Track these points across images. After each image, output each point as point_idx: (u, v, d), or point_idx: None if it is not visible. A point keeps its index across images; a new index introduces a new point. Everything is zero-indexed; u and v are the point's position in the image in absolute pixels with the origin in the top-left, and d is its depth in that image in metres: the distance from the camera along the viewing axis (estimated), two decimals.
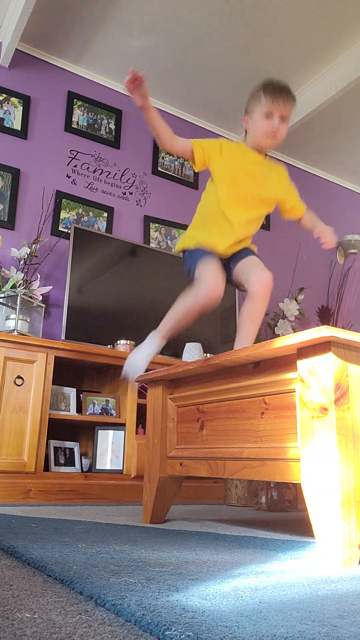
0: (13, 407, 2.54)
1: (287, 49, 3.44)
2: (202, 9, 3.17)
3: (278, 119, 1.94)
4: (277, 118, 1.94)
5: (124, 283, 3.36)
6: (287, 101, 1.94)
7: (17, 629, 0.63)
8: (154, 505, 1.76)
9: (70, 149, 3.60)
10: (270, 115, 1.94)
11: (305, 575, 0.99)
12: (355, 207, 5.07)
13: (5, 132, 3.36)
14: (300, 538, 1.52)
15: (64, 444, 2.84)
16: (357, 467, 1.16)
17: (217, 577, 0.93)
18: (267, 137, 1.97)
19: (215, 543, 1.37)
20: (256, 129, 1.99)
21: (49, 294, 3.25)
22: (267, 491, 2.52)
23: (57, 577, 0.90)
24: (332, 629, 0.65)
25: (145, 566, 1.00)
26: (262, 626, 0.64)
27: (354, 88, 3.59)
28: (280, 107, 1.93)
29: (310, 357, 1.24)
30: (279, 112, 1.94)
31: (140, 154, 3.89)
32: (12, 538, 1.27)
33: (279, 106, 1.93)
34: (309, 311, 4.35)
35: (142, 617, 0.66)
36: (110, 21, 3.30)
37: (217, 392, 1.60)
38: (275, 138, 1.98)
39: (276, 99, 1.93)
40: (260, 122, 1.96)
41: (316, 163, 4.75)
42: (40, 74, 3.59)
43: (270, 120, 1.94)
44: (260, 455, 1.40)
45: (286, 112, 1.96)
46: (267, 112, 1.94)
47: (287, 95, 1.95)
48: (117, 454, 2.84)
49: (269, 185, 2.04)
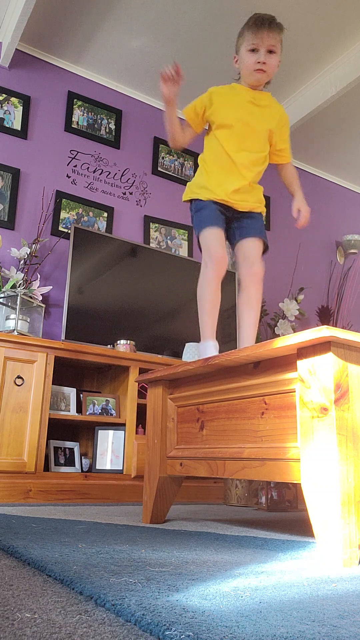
0: (13, 407, 2.54)
1: (287, 48, 3.42)
2: (202, 9, 3.17)
3: (264, 52, 1.93)
4: (264, 51, 1.93)
5: (124, 283, 3.36)
6: (271, 32, 1.93)
7: (17, 629, 0.63)
8: (154, 505, 1.76)
9: (70, 149, 3.60)
10: (255, 49, 1.94)
11: (305, 575, 0.99)
12: (355, 207, 5.07)
13: (5, 132, 3.36)
14: (300, 538, 1.52)
15: (64, 444, 2.84)
16: (357, 467, 1.16)
17: (217, 577, 0.93)
18: (257, 72, 1.96)
19: (215, 543, 1.36)
20: (244, 65, 1.98)
21: (49, 294, 3.25)
22: (267, 491, 2.52)
23: (57, 577, 0.90)
24: (332, 629, 0.64)
25: (145, 566, 1.00)
26: (262, 626, 0.64)
27: (354, 88, 3.59)
28: (264, 39, 1.92)
29: (310, 357, 1.24)
30: (264, 44, 1.93)
31: (140, 154, 3.89)
32: (12, 538, 1.27)
33: (263, 38, 1.92)
34: (309, 311, 4.35)
35: (142, 617, 0.66)
36: (110, 21, 3.30)
37: (217, 392, 1.60)
38: (265, 71, 1.96)
39: (259, 32, 1.92)
40: (247, 58, 1.96)
41: (316, 163, 4.75)
42: (40, 74, 3.59)
43: (257, 54, 1.94)
44: (260, 455, 1.40)
45: (272, 43, 1.94)
46: (252, 47, 1.94)
47: (271, 26, 1.93)
48: (117, 454, 2.84)
49: (267, 117, 2.04)
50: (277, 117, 2.08)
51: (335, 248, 4.79)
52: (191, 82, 3.81)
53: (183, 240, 3.92)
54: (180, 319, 3.46)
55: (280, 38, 1.97)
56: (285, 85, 3.76)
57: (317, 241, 4.70)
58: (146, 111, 3.97)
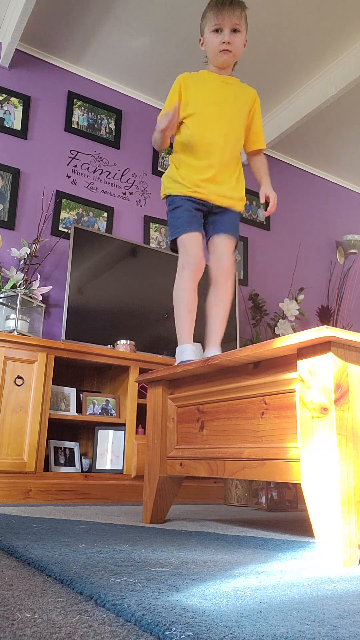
0: (13, 407, 2.54)
1: (287, 49, 3.44)
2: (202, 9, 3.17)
3: (228, 31, 1.91)
4: (227, 30, 1.91)
5: (124, 283, 3.36)
6: (233, 11, 1.90)
7: (17, 629, 0.63)
8: (154, 505, 1.76)
9: (70, 149, 3.60)
10: (219, 29, 1.91)
11: (305, 575, 0.99)
12: (355, 207, 5.07)
13: (5, 132, 3.36)
14: (300, 538, 1.52)
15: (64, 444, 2.84)
16: (357, 467, 1.16)
17: (217, 577, 0.93)
18: (223, 53, 1.94)
19: (215, 543, 1.36)
20: (210, 47, 1.96)
21: (49, 294, 3.25)
22: (267, 491, 2.52)
23: (57, 577, 0.90)
24: (332, 629, 0.64)
25: (145, 566, 1.00)
26: (262, 626, 0.64)
27: (354, 88, 3.59)
28: (227, 18, 1.90)
29: (310, 357, 1.24)
30: (227, 24, 1.90)
31: (140, 154, 3.89)
32: (12, 538, 1.27)
33: (225, 18, 1.90)
34: (309, 311, 4.35)
35: (142, 617, 0.66)
36: (110, 21, 3.30)
37: (217, 392, 1.60)
38: (230, 51, 1.93)
39: (221, 11, 1.90)
40: (212, 39, 1.94)
41: (316, 163, 4.75)
42: (40, 74, 3.59)
43: (221, 35, 1.91)
44: (260, 455, 1.40)
45: (236, 21, 1.91)
46: (216, 27, 1.91)
47: (232, 5, 1.91)
48: (117, 454, 2.84)
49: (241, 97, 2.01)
50: (252, 98, 2.05)
51: (335, 248, 4.79)
52: None
53: None
54: None
55: (244, 17, 1.94)
56: (286, 85, 3.76)
57: (317, 241, 4.70)
58: (146, 111, 3.97)
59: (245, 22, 1.96)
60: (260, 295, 4.02)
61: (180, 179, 1.95)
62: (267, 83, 3.70)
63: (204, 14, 1.98)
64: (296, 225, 4.61)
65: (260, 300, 3.97)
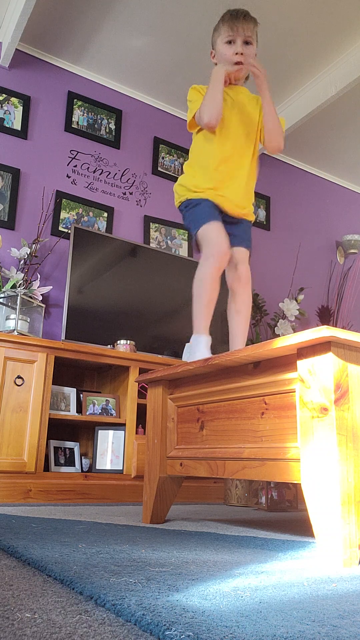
0: (13, 407, 2.54)
1: (287, 49, 3.44)
2: (202, 9, 3.17)
3: (241, 43, 1.94)
4: (240, 41, 1.94)
5: (124, 283, 3.36)
6: (246, 24, 1.94)
7: (17, 629, 0.63)
8: (154, 505, 1.76)
9: (70, 149, 3.60)
10: (232, 40, 1.94)
11: (305, 575, 0.99)
12: (355, 207, 5.07)
13: (5, 132, 3.36)
14: (300, 538, 1.52)
15: (64, 444, 2.84)
16: (357, 467, 1.16)
17: (217, 577, 0.93)
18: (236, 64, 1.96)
19: (215, 543, 1.36)
20: (222, 59, 1.98)
21: (49, 294, 3.25)
22: (267, 491, 2.52)
23: (57, 577, 0.90)
24: (332, 629, 0.64)
25: (145, 566, 1.00)
26: (262, 626, 0.64)
27: (354, 88, 3.59)
28: (240, 30, 1.93)
29: (310, 357, 1.24)
30: (240, 36, 1.94)
31: (140, 154, 3.89)
32: (12, 538, 1.27)
33: (239, 29, 1.93)
34: (309, 311, 4.35)
35: (142, 617, 0.66)
36: (110, 21, 3.30)
37: (217, 392, 1.60)
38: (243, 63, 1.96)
39: (234, 24, 1.94)
40: (224, 50, 1.96)
41: (316, 163, 4.75)
42: (40, 74, 3.59)
43: (234, 46, 1.94)
44: (260, 455, 1.40)
45: (248, 34, 1.95)
46: (229, 38, 1.94)
47: (246, 18, 1.95)
48: (117, 454, 2.84)
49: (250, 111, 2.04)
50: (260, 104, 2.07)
51: (335, 248, 4.79)
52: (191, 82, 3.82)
53: (183, 240, 3.92)
54: (180, 319, 3.46)
55: (256, 30, 1.98)
56: (286, 85, 3.76)
57: (317, 241, 4.70)
58: (146, 111, 3.97)
59: (257, 36, 2.00)
60: (261, 295, 4.02)
61: (194, 188, 1.98)
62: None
63: (217, 27, 2.01)
64: (296, 226, 4.61)
65: (260, 300, 3.97)
